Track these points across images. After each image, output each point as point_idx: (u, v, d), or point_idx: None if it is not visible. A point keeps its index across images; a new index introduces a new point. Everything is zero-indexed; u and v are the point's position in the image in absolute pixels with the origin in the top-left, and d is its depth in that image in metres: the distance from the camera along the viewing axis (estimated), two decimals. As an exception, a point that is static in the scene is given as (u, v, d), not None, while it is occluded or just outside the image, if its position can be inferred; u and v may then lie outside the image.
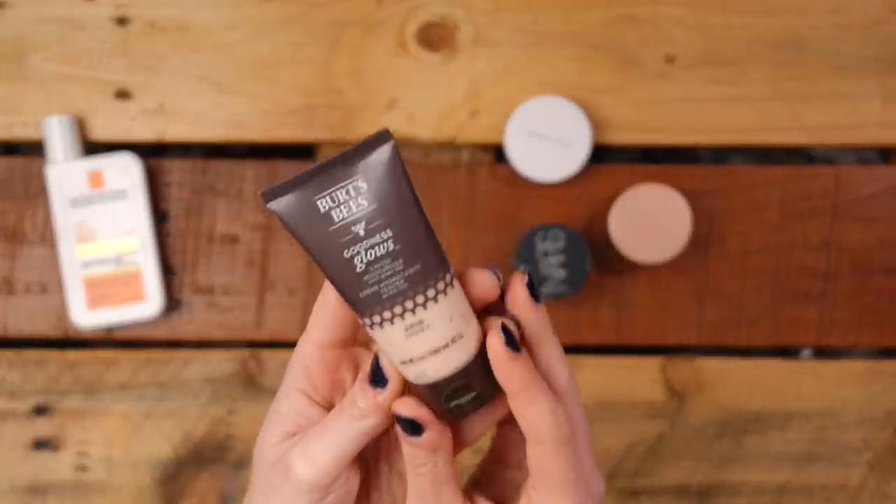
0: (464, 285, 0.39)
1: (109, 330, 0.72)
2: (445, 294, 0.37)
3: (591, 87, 0.72)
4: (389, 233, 0.37)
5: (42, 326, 0.72)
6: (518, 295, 0.39)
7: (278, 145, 0.73)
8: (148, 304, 0.71)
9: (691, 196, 0.72)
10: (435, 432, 0.38)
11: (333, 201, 0.37)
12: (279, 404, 0.42)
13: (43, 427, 0.72)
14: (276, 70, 0.72)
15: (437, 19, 0.72)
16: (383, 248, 0.37)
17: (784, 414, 0.73)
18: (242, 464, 0.72)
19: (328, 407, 0.42)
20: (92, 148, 0.73)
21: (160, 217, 0.72)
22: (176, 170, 0.72)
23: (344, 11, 0.72)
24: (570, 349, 0.74)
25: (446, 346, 0.38)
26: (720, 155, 0.76)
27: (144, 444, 0.72)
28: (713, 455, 0.72)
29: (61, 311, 0.72)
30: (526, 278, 0.39)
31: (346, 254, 0.37)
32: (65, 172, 0.70)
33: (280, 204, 0.37)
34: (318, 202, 0.37)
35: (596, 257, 0.71)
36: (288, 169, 0.72)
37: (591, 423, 0.72)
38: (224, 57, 0.72)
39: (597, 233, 0.71)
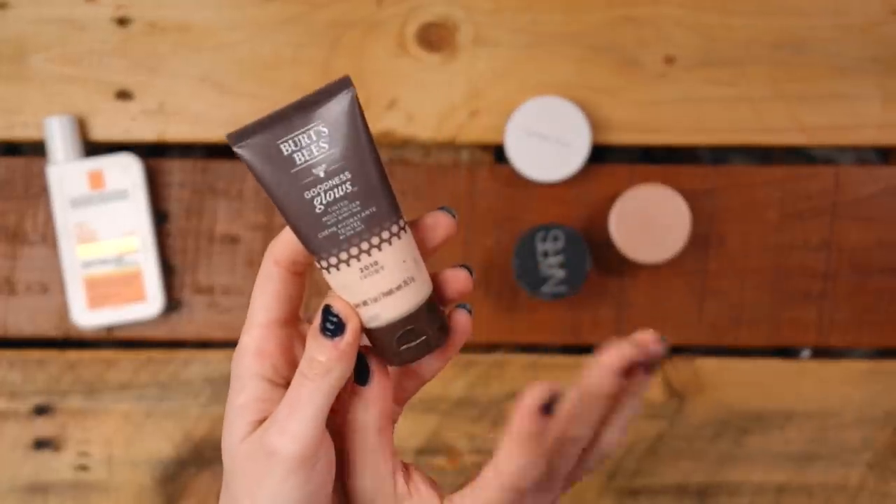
0: (416, 231, 0.41)
1: (110, 330, 0.72)
2: (399, 237, 0.39)
3: (591, 87, 0.72)
4: (348, 175, 0.39)
5: (43, 326, 0.72)
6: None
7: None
8: (148, 304, 0.71)
9: (691, 196, 0.72)
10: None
11: (296, 145, 0.39)
12: (235, 399, 0.41)
13: (44, 427, 0.72)
14: (277, 70, 0.72)
15: (437, 20, 0.72)
16: (341, 189, 0.39)
17: (784, 414, 0.73)
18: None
19: (286, 387, 0.42)
20: (93, 148, 0.73)
21: (161, 217, 0.72)
22: (176, 170, 0.72)
23: (344, 12, 0.72)
24: (570, 349, 0.74)
25: (399, 287, 0.39)
26: (720, 155, 0.76)
27: (145, 443, 0.72)
28: (713, 455, 0.73)
29: (62, 311, 0.72)
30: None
31: (307, 195, 0.39)
32: (66, 173, 0.71)
33: (245, 147, 0.39)
34: (282, 145, 0.38)
35: (596, 257, 0.71)
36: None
37: (591, 423, 0.72)
38: (225, 57, 0.72)
39: (596, 233, 0.71)
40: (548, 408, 0.38)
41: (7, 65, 0.72)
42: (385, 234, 0.39)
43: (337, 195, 0.39)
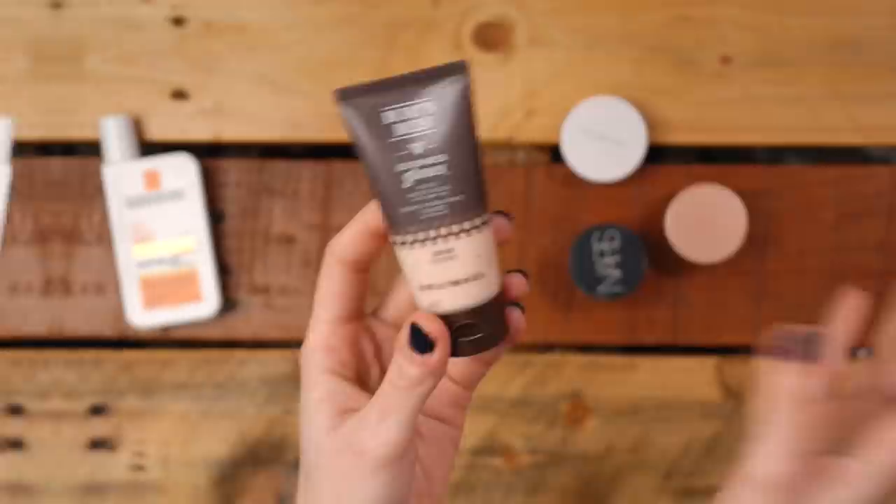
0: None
1: (166, 330, 0.72)
2: (479, 231, 0.39)
3: (648, 87, 0.72)
4: (444, 157, 0.38)
5: (99, 326, 0.72)
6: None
7: (335, 145, 0.73)
8: (204, 304, 0.71)
9: (747, 196, 0.72)
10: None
11: (399, 116, 0.38)
12: (311, 394, 0.42)
13: (100, 427, 0.72)
14: (333, 70, 0.72)
15: (493, 19, 0.72)
16: (434, 170, 0.38)
17: (840, 414, 0.72)
18: (299, 464, 0.72)
19: (357, 380, 0.43)
20: (148, 148, 0.73)
21: (216, 217, 0.72)
22: (232, 170, 0.72)
23: (400, 12, 0.72)
24: (627, 349, 0.74)
25: (467, 280, 0.39)
26: (776, 155, 0.76)
27: (201, 444, 0.72)
28: (769, 455, 0.72)
29: (118, 311, 0.72)
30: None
31: (398, 167, 0.38)
32: (121, 173, 0.71)
33: (349, 105, 0.38)
34: (384, 113, 0.38)
35: (652, 257, 0.71)
36: (344, 169, 0.72)
37: (648, 424, 0.72)
38: (281, 57, 0.72)
39: (652, 233, 0.71)
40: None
41: (63, 65, 0.72)
42: (466, 225, 0.39)
43: (428, 175, 0.38)
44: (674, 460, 0.72)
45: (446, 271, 0.39)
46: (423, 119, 0.38)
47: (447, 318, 0.39)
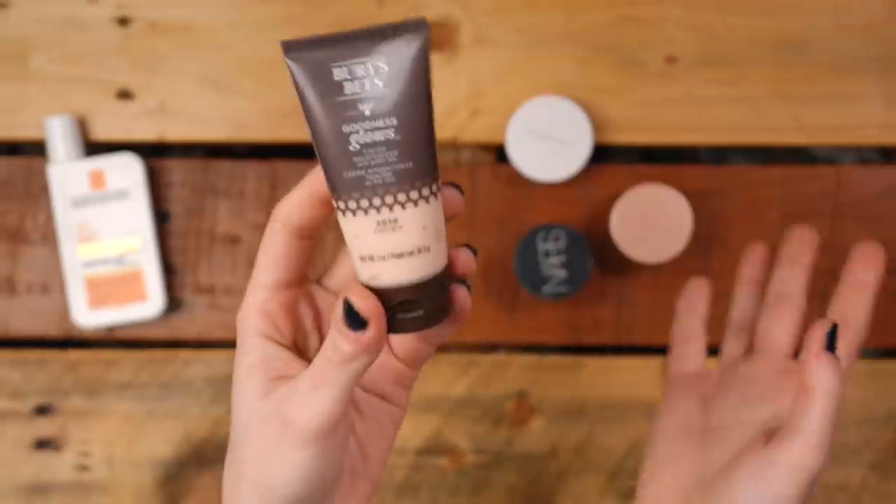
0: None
1: (111, 330, 0.72)
2: (427, 202, 0.36)
3: (592, 87, 0.72)
4: (394, 121, 0.36)
5: (43, 326, 0.72)
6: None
7: (280, 145, 0.73)
8: (149, 303, 0.71)
9: (692, 196, 0.72)
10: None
11: (350, 74, 0.35)
12: (245, 358, 0.40)
13: (44, 427, 0.72)
14: (278, 70, 0.72)
15: (438, 19, 0.72)
16: (383, 134, 0.36)
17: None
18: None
19: (293, 348, 0.41)
20: (93, 148, 0.73)
21: (161, 217, 0.72)
22: (177, 170, 0.72)
23: (344, 11, 0.72)
24: (571, 349, 0.74)
25: (411, 253, 0.37)
26: (721, 155, 0.76)
27: (146, 443, 0.72)
28: (714, 455, 0.72)
29: (63, 310, 0.72)
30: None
31: (345, 128, 0.36)
32: (66, 172, 0.70)
33: (296, 58, 0.35)
34: (335, 69, 0.35)
35: (597, 257, 0.71)
36: (289, 169, 0.72)
37: (593, 424, 0.72)
38: (225, 57, 0.72)
39: (597, 233, 0.71)
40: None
41: (8, 64, 0.72)
42: (413, 194, 0.36)
43: (376, 139, 0.36)
44: (619, 460, 0.72)
45: (390, 243, 0.36)
46: (375, 78, 0.35)
47: (387, 293, 0.37)
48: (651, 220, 0.69)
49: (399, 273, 0.37)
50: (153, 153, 0.73)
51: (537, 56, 0.72)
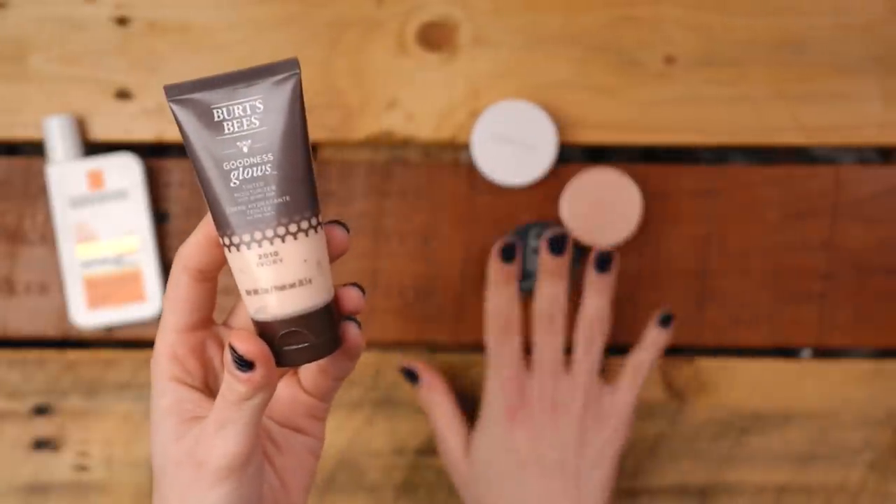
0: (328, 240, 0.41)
1: (109, 330, 0.72)
2: (307, 235, 0.38)
3: (591, 87, 0.72)
4: (270, 157, 0.38)
5: (42, 326, 0.72)
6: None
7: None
8: (148, 304, 0.71)
9: (690, 196, 0.72)
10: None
11: (229, 113, 0.38)
12: (159, 401, 0.42)
13: (43, 427, 0.72)
14: (277, 70, 0.72)
15: (437, 19, 0.72)
16: (260, 170, 0.38)
17: (784, 414, 0.72)
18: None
19: (205, 389, 0.43)
20: (92, 148, 0.73)
21: (160, 217, 0.72)
22: (176, 170, 0.72)
23: (343, 11, 0.72)
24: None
25: (293, 285, 0.38)
26: (720, 155, 0.76)
27: (145, 444, 0.72)
28: (713, 455, 0.72)
29: (61, 310, 0.72)
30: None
31: (226, 166, 0.38)
32: (65, 172, 0.70)
33: (179, 102, 0.38)
34: (215, 110, 0.38)
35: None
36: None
37: (591, 424, 0.72)
38: (224, 57, 0.72)
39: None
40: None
41: (6, 64, 0.72)
42: (292, 227, 0.38)
43: (254, 174, 0.38)
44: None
45: (271, 275, 0.38)
46: (252, 117, 0.38)
47: (272, 325, 0.39)
48: (601, 204, 0.69)
49: (283, 305, 0.39)
50: (152, 153, 0.73)
51: (536, 56, 0.72)
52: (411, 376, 0.68)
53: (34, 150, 0.74)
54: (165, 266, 0.72)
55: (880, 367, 0.73)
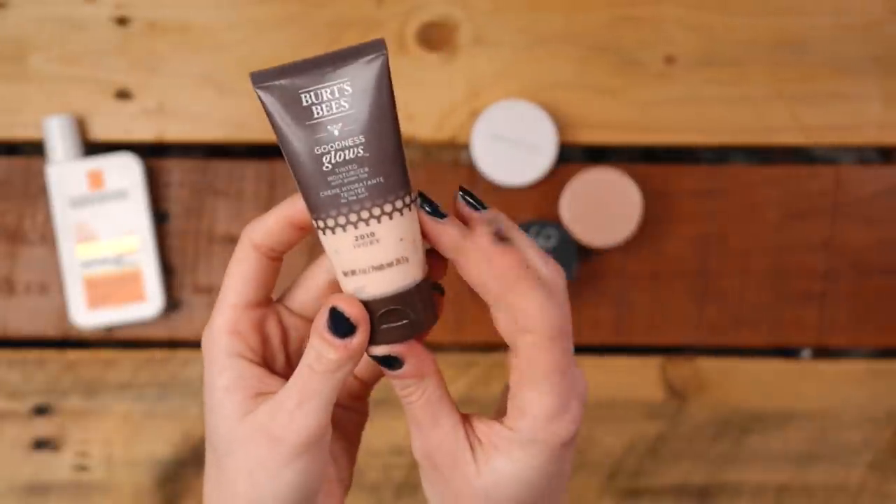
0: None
1: (109, 330, 0.72)
2: (402, 214, 0.38)
3: (592, 87, 0.72)
4: (361, 139, 0.38)
5: (42, 326, 0.72)
6: (463, 210, 0.41)
7: (278, 146, 0.73)
8: (148, 303, 0.71)
9: (692, 196, 0.72)
10: (414, 361, 0.39)
11: (317, 97, 0.37)
12: (217, 379, 0.41)
13: (43, 427, 0.72)
14: (277, 70, 0.72)
15: (437, 19, 0.72)
16: (353, 152, 0.38)
17: (784, 414, 0.72)
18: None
19: (265, 365, 0.42)
20: (92, 148, 0.73)
21: (160, 217, 0.72)
22: (176, 170, 0.72)
23: (343, 11, 0.72)
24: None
25: (391, 264, 0.38)
26: (720, 155, 0.76)
27: (144, 443, 0.72)
28: (713, 455, 0.72)
29: (61, 310, 0.72)
30: (459, 193, 0.41)
31: (317, 150, 0.38)
32: (65, 172, 0.70)
33: (266, 89, 0.38)
34: (303, 95, 0.37)
35: (594, 259, 0.71)
36: (288, 169, 0.72)
37: (592, 424, 0.72)
38: (224, 57, 0.72)
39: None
40: None
41: (7, 64, 0.72)
42: (387, 207, 0.38)
43: (347, 157, 0.38)
44: (617, 460, 0.72)
45: (369, 256, 0.38)
46: (341, 100, 0.37)
47: (371, 304, 0.39)
48: (601, 204, 0.69)
49: (381, 284, 0.39)
50: (152, 153, 0.73)
51: (536, 56, 0.72)
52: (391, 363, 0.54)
53: (34, 150, 0.73)
54: (165, 266, 0.72)
55: (880, 366, 0.73)
